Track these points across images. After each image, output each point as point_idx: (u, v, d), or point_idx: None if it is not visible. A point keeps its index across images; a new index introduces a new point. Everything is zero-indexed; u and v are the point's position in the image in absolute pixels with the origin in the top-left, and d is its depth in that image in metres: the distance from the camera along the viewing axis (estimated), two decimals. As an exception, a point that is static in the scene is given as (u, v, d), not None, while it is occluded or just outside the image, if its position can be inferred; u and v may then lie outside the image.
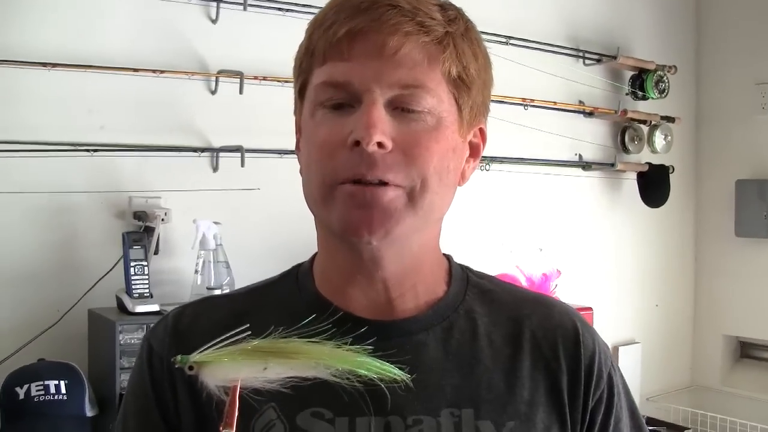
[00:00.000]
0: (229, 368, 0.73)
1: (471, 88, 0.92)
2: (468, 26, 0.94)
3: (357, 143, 0.86)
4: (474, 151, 0.99)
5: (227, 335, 0.74)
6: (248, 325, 0.75)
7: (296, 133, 1.00)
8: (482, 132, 1.00)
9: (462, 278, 1.02)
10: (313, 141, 0.91)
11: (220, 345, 0.74)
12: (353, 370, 0.76)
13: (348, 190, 0.87)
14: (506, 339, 0.97)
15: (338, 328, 0.87)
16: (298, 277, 1.01)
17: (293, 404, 0.87)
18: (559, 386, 0.96)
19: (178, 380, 0.93)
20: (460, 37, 0.91)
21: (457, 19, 0.92)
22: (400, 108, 0.88)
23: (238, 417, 0.75)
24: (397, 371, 0.79)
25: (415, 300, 0.96)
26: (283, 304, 0.99)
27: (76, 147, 2.10)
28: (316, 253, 1.02)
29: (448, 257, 1.04)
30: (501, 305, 1.01)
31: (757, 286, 3.53)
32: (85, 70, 2.10)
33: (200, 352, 0.75)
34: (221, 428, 0.74)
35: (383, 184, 0.87)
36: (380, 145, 0.86)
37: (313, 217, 0.96)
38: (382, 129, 0.86)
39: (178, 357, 0.75)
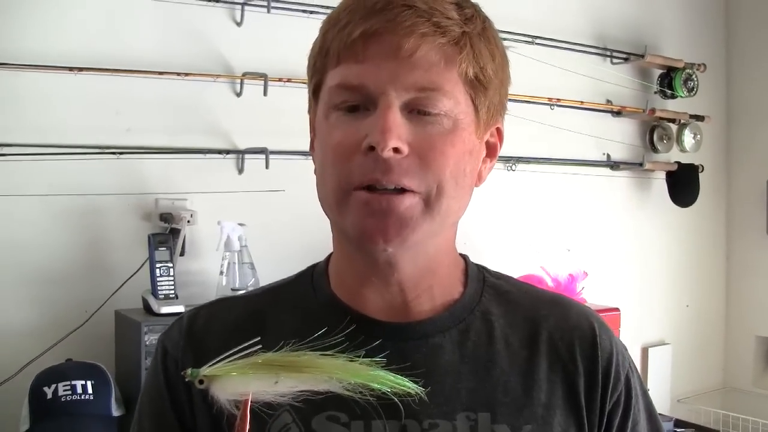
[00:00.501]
0: (240, 382, 0.73)
1: (488, 88, 0.91)
2: (485, 25, 0.92)
3: (372, 148, 0.85)
4: (491, 151, 0.98)
5: (238, 348, 0.73)
6: (259, 338, 0.74)
7: (310, 132, 0.99)
8: (499, 131, 0.98)
9: (478, 279, 1.01)
10: (327, 144, 0.90)
11: (231, 358, 0.73)
12: (367, 384, 0.75)
13: (363, 198, 0.86)
14: (523, 341, 0.96)
15: (353, 329, 0.87)
16: (313, 277, 1.01)
17: (308, 408, 0.86)
18: (576, 389, 0.95)
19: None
20: (477, 36, 0.89)
21: (474, 17, 0.91)
22: (415, 111, 0.87)
23: (250, 427, 0.74)
24: (411, 384, 0.77)
25: (431, 302, 0.96)
26: (298, 304, 0.99)
27: (102, 149, 2.12)
28: (331, 253, 1.02)
29: (464, 257, 1.03)
30: (518, 306, 1.00)
31: (790, 286, 3.48)
32: (112, 74, 2.12)
33: (211, 365, 0.74)
34: None
35: (399, 190, 0.86)
36: (396, 150, 0.85)
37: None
38: (398, 134, 0.85)
39: (188, 371, 0.74)
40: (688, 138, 3.39)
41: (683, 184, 3.37)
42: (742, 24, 3.69)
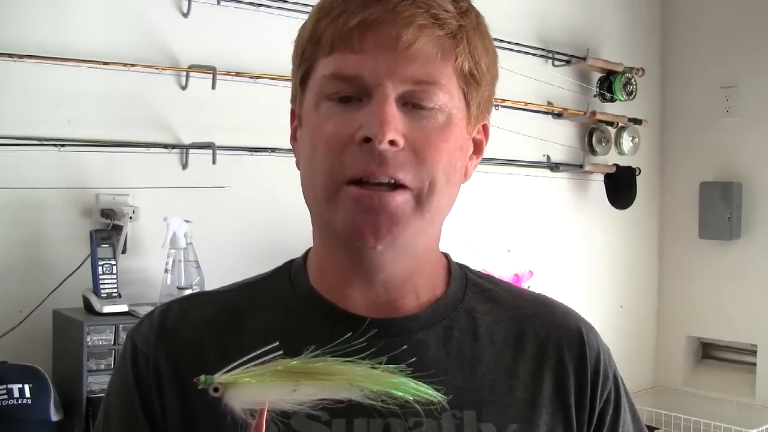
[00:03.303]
0: (257, 390, 0.69)
1: (480, 84, 0.90)
2: (479, 20, 0.92)
3: (367, 140, 0.83)
4: (477, 147, 0.97)
5: (256, 353, 0.70)
6: (277, 343, 0.71)
7: (292, 122, 0.97)
8: (485, 128, 0.98)
9: (461, 277, 1.00)
10: (318, 135, 0.87)
11: (248, 365, 0.70)
12: (389, 392, 0.73)
13: (354, 193, 0.84)
14: (508, 339, 0.95)
15: (335, 326, 0.85)
16: (290, 272, 0.98)
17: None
18: (565, 388, 0.94)
19: (165, 381, 0.90)
20: (472, 30, 0.89)
21: (468, 11, 0.90)
22: (410, 104, 0.85)
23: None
24: (433, 392, 0.76)
25: (416, 300, 0.94)
26: (275, 301, 0.96)
27: (42, 141, 2.03)
28: (309, 249, 0.99)
29: (446, 255, 1.02)
30: (502, 304, 0.99)
31: (720, 287, 3.57)
32: (53, 62, 2.03)
33: (226, 372, 0.70)
34: None
35: (392, 185, 0.84)
36: (392, 143, 0.83)
37: (290, 216, 0.94)
38: (395, 126, 0.83)
39: (202, 378, 0.71)
40: (626, 141, 3.44)
41: (621, 187, 3.42)
42: (677, 30, 3.76)
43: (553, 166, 3.30)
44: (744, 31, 3.50)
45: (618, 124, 3.41)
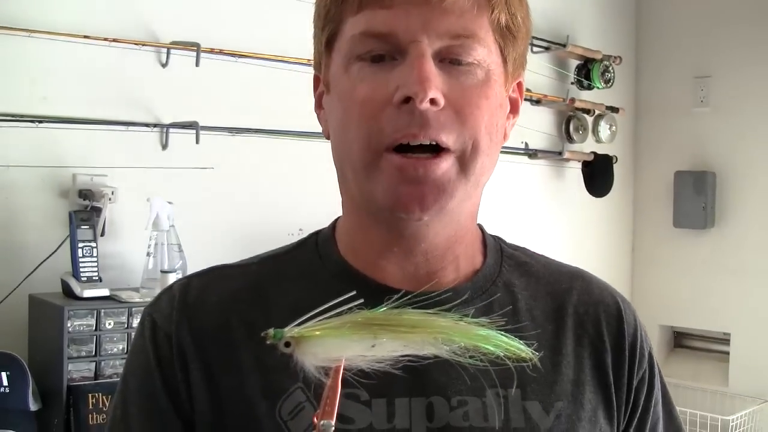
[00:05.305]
0: (333, 345, 0.62)
1: (517, 37, 0.85)
2: None
3: (407, 100, 0.77)
4: (513, 106, 0.92)
5: (329, 304, 0.63)
6: (354, 292, 0.65)
7: (315, 89, 0.91)
8: (520, 86, 0.93)
9: (496, 249, 0.96)
10: (351, 99, 0.81)
11: (321, 317, 0.63)
12: (478, 346, 0.67)
13: (396, 163, 0.79)
14: (548, 314, 0.91)
15: (371, 300, 0.80)
16: (318, 245, 0.92)
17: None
18: (604, 365, 0.91)
19: (190, 359, 0.83)
20: None
21: None
22: (448, 60, 0.80)
23: (332, 404, 0.64)
24: (525, 348, 0.70)
25: (456, 272, 0.89)
26: (304, 274, 0.90)
27: (16, 118, 1.93)
28: (336, 220, 0.94)
29: (480, 226, 0.97)
30: (539, 279, 0.95)
31: (693, 276, 3.58)
32: (28, 35, 1.93)
33: (297, 324, 0.63)
34: (316, 418, 0.63)
35: (434, 149, 0.79)
36: (432, 102, 0.78)
37: (274, 199, 0.88)
38: (436, 84, 0.78)
39: (271, 331, 0.64)
40: (604, 129, 3.43)
41: (599, 175, 3.41)
42: (652, 19, 3.76)
43: (532, 153, 3.27)
44: (718, 21, 3.51)
45: (595, 112, 3.39)
